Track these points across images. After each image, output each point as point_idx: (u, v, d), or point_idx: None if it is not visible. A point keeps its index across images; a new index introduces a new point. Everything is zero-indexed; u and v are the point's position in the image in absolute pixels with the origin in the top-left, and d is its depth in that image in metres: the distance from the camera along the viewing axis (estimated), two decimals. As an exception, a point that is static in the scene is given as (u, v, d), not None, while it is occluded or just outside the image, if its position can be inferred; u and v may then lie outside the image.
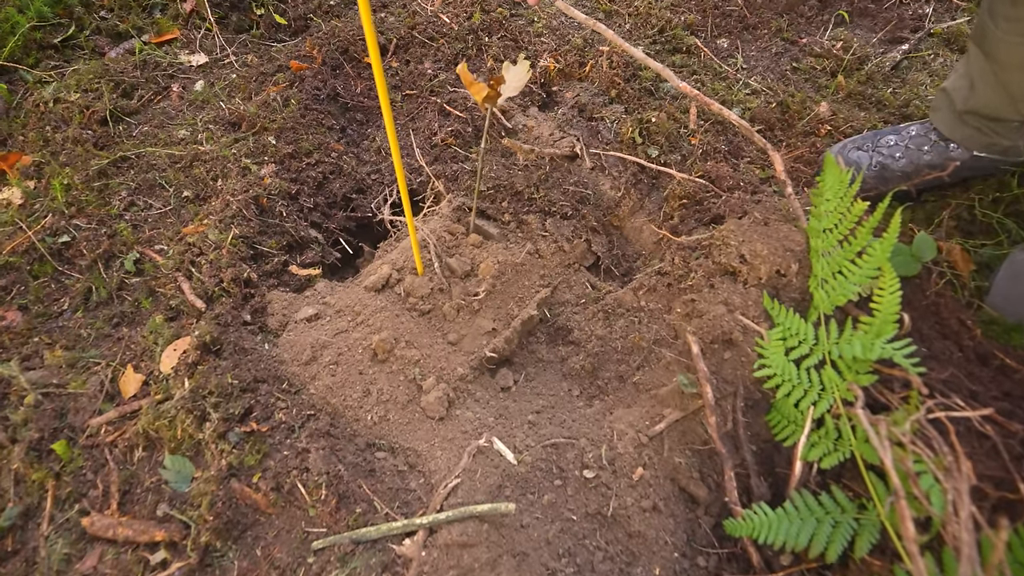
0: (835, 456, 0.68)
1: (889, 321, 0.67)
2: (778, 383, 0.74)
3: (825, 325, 0.74)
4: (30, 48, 1.17)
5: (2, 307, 0.89)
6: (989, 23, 0.86)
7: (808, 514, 0.68)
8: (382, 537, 0.73)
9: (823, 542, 0.65)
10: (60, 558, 0.70)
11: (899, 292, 0.67)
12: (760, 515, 0.70)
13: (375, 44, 0.59)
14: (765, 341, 0.77)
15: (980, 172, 1.01)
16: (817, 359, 0.72)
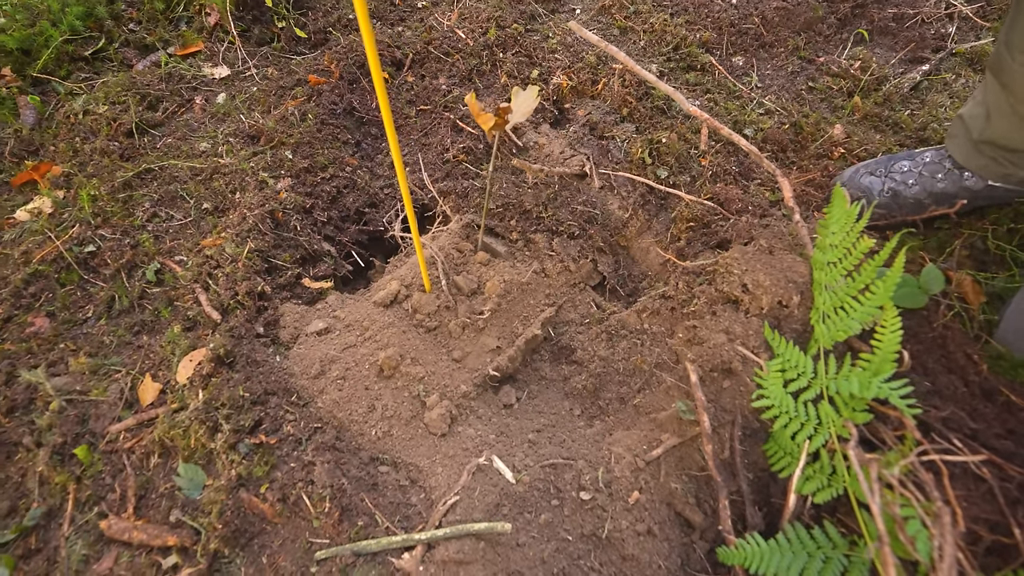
0: (828, 492, 0.68)
1: (888, 360, 0.68)
2: (776, 414, 0.75)
3: (824, 359, 0.74)
4: (62, 60, 1.23)
5: (31, 313, 0.94)
6: (1006, 54, 0.85)
7: (800, 547, 0.69)
8: (382, 550, 0.76)
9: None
10: (79, 558, 0.74)
11: (900, 331, 0.68)
12: (753, 545, 0.71)
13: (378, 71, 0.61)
14: (764, 372, 0.78)
15: (995, 202, 1.00)
16: (815, 393, 0.73)
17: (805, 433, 0.72)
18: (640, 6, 1.35)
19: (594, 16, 1.38)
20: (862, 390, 0.66)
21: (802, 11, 1.33)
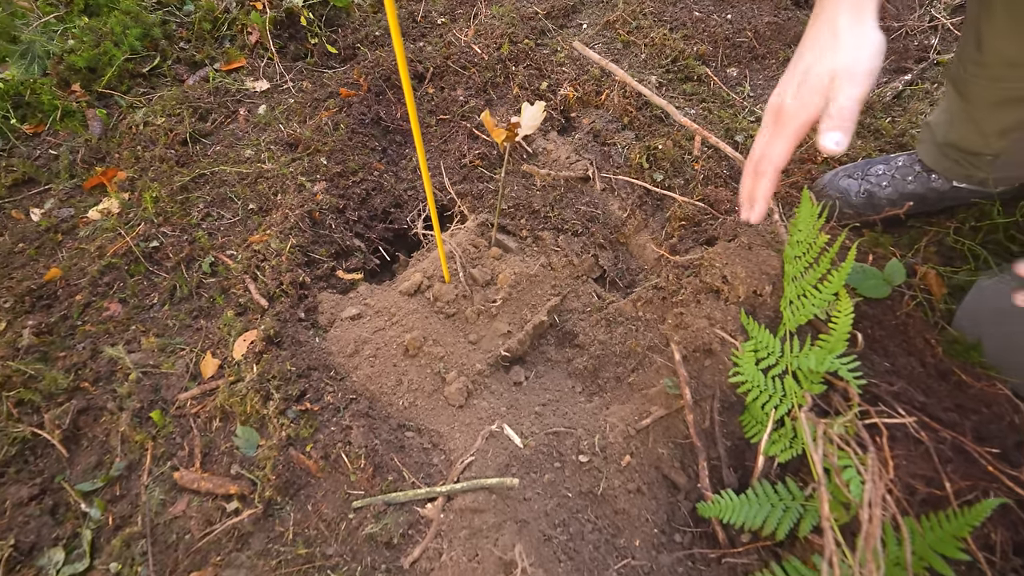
0: (789, 452, 0.80)
1: (841, 339, 0.78)
2: (749, 388, 0.87)
3: (790, 340, 0.85)
4: (123, 77, 1.38)
5: (106, 300, 1.09)
6: (960, 66, 0.95)
7: (765, 500, 0.80)
8: (409, 501, 0.89)
9: (775, 523, 0.78)
10: (157, 503, 0.89)
11: (852, 315, 0.79)
12: (726, 499, 0.82)
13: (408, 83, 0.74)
14: (739, 352, 0.89)
15: (960, 202, 1.09)
16: (781, 369, 0.84)
17: (772, 403, 0.83)
18: (642, 21, 1.46)
19: (600, 31, 1.49)
20: (818, 365, 0.78)
21: (792, 25, 1.44)
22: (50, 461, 0.93)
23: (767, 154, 0.74)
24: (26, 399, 0.94)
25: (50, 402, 0.95)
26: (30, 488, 0.90)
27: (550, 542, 0.86)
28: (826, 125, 0.67)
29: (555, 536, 0.86)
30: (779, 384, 0.84)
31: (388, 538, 0.85)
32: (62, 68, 1.34)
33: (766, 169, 0.75)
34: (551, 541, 0.86)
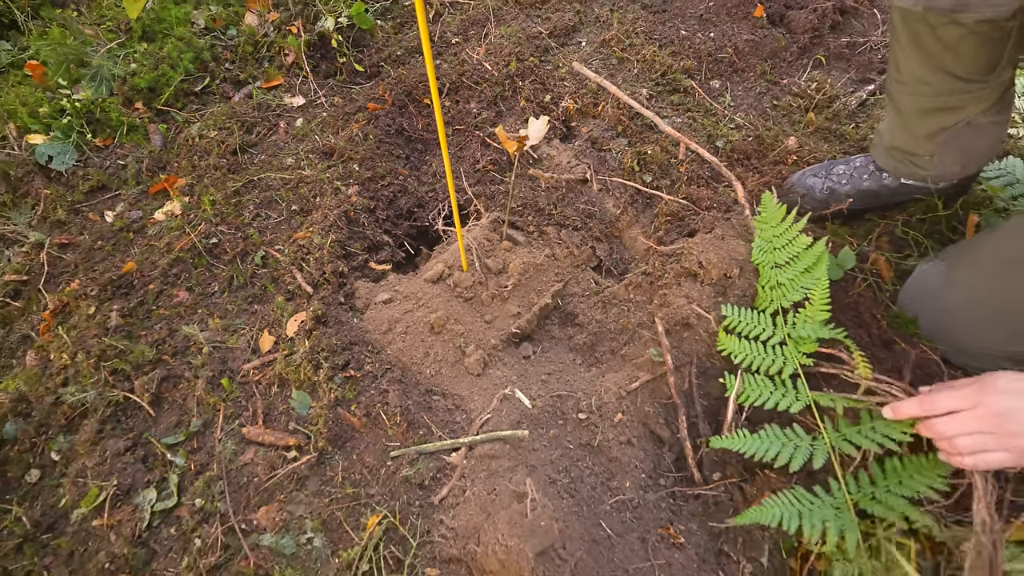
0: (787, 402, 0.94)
1: (822, 311, 0.95)
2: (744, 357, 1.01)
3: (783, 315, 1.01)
4: (179, 95, 1.56)
5: (176, 288, 1.27)
6: (889, 82, 1.11)
7: (776, 439, 0.93)
8: (437, 450, 1.06)
9: (787, 457, 0.90)
10: (230, 453, 1.06)
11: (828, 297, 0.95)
12: (741, 436, 0.97)
13: (437, 96, 0.91)
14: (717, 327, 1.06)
15: (909, 197, 1.25)
16: (778, 339, 1.00)
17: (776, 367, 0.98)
18: (634, 40, 1.63)
19: (597, 48, 1.66)
20: (815, 333, 0.94)
21: (768, 42, 1.60)
22: (139, 420, 1.11)
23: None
24: (119, 368, 1.12)
25: (138, 371, 1.13)
26: (124, 441, 1.08)
27: (555, 484, 1.02)
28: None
29: (559, 479, 1.03)
30: (779, 350, 1.00)
31: (421, 480, 1.03)
32: (126, 89, 1.53)
33: None
34: (555, 483, 1.02)
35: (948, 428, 0.79)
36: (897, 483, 0.84)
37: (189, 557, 0.96)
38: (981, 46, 0.97)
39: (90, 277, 1.28)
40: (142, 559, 0.98)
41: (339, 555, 0.95)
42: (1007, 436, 0.73)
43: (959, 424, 0.77)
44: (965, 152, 1.12)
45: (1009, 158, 1.34)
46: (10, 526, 1.02)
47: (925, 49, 1.01)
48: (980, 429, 0.75)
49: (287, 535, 0.98)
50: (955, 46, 0.98)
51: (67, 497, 1.04)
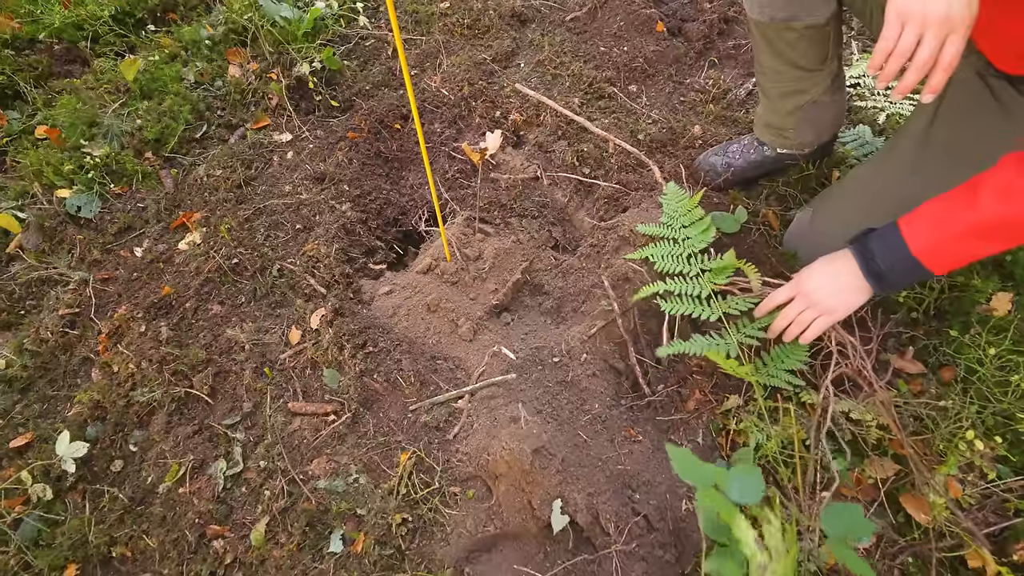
0: (711, 313, 1.24)
1: (732, 260, 1.25)
2: (673, 289, 1.31)
3: (697, 256, 1.31)
4: (183, 143, 1.78)
5: (209, 303, 1.50)
6: (757, 72, 1.44)
7: (701, 341, 1.23)
8: (446, 400, 1.32)
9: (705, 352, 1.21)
10: (280, 424, 1.30)
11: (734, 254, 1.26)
12: (679, 342, 1.25)
13: (419, 122, 1.18)
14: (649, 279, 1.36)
15: (786, 163, 1.58)
16: (695, 271, 1.29)
17: (696, 292, 1.27)
18: (563, 58, 1.93)
19: (534, 68, 1.95)
20: (727, 267, 1.24)
21: (671, 51, 1.92)
22: (199, 409, 1.34)
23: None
24: (178, 370, 1.34)
25: (194, 370, 1.35)
26: (191, 427, 1.31)
27: (540, 412, 1.30)
28: None
29: (543, 408, 1.31)
30: (696, 280, 1.29)
31: (437, 423, 1.29)
32: (136, 141, 1.74)
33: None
34: (541, 412, 1.30)
35: (783, 321, 1.11)
36: (781, 362, 1.15)
37: (262, 504, 1.20)
38: (812, 44, 1.30)
39: (134, 303, 1.49)
40: (224, 512, 1.21)
41: (380, 487, 1.21)
42: (819, 305, 1.07)
43: (791, 313, 1.10)
44: (817, 124, 1.45)
45: (860, 126, 1.69)
46: (108, 504, 1.23)
47: (775, 48, 1.33)
48: (802, 307, 1.09)
49: (338, 478, 1.23)
50: (795, 45, 1.30)
51: (152, 476, 1.26)
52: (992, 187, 0.93)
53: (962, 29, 0.86)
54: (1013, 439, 1.17)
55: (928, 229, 0.99)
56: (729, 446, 1.21)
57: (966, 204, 0.96)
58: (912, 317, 1.36)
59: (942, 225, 0.98)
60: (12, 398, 1.39)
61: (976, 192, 0.95)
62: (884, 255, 1.03)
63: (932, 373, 1.28)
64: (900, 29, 0.88)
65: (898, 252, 1.01)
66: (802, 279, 1.11)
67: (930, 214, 1.00)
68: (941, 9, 0.84)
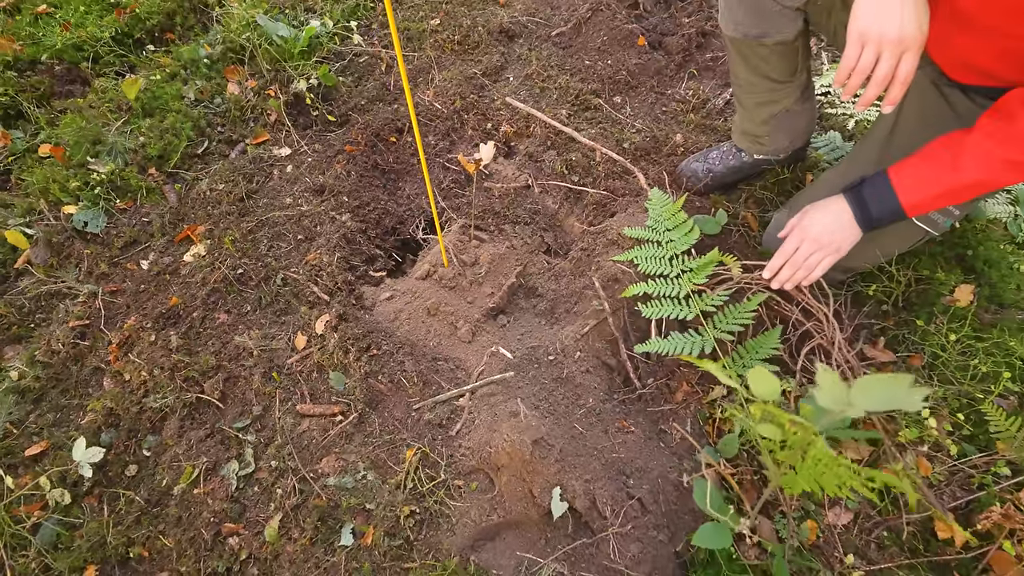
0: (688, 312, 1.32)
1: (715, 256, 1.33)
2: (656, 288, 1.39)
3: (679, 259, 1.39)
4: (185, 159, 1.83)
5: (216, 312, 1.55)
6: (733, 84, 1.53)
7: (680, 340, 1.32)
8: (448, 399, 1.39)
9: (687, 350, 1.29)
10: (290, 426, 1.35)
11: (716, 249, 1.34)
12: (656, 341, 1.34)
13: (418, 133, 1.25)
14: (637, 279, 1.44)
15: (763, 168, 1.67)
16: (677, 271, 1.37)
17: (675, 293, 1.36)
18: (551, 72, 2.02)
19: (523, 81, 2.04)
20: (708, 264, 1.32)
21: (652, 63, 2.02)
22: (210, 414, 1.39)
23: None
24: (189, 376, 1.40)
25: (205, 376, 1.41)
26: (204, 431, 1.36)
27: (538, 408, 1.36)
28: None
29: (540, 404, 1.37)
30: (676, 281, 1.37)
31: (440, 421, 1.35)
32: (139, 158, 1.79)
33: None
34: (538, 407, 1.37)
35: (791, 269, 1.23)
36: (756, 352, 1.23)
37: (275, 502, 1.26)
38: (782, 58, 1.40)
39: (143, 313, 1.54)
40: (238, 511, 1.26)
41: (388, 482, 1.27)
42: (828, 246, 1.20)
43: (799, 259, 1.22)
44: (790, 131, 1.54)
45: (831, 132, 1.79)
46: (124, 507, 1.28)
47: (749, 62, 1.43)
48: (809, 252, 1.21)
49: (346, 475, 1.28)
50: (767, 59, 1.40)
51: (167, 478, 1.31)
52: (973, 154, 1.04)
53: (915, 48, 0.96)
54: (976, 419, 1.26)
55: (916, 185, 1.12)
56: (716, 433, 1.29)
57: (951, 166, 1.07)
58: (883, 309, 1.45)
59: (928, 184, 1.11)
60: (26, 408, 1.43)
61: (959, 156, 1.06)
62: (876, 204, 1.16)
63: (902, 361, 1.37)
64: (860, 49, 0.98)
65: (889, 203, 1.14)
66: (806, 227, 1.23)
67: (918, 171, 1.12)
68: (895, 31, 0.94)
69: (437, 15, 2.31)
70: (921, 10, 0.94)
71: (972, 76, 1.18)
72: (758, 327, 1.34)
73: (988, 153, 1.03)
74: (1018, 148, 1.00)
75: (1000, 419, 1.21)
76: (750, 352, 1.26)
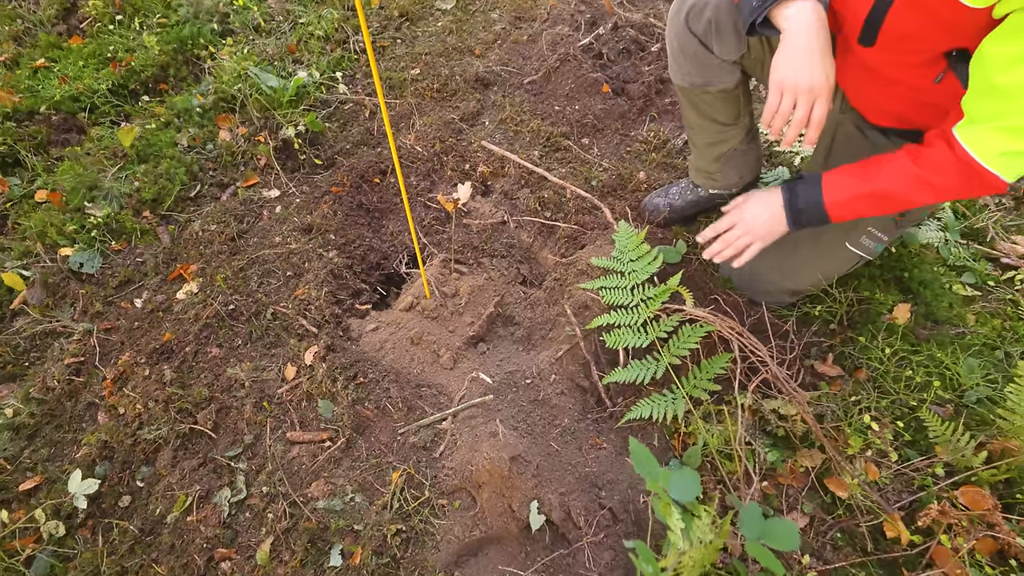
0: (645, 340, 1.44)
1: (675, 282, 1.46)
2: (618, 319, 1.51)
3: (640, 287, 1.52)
4: (178, 202, 1.93)
5: (208, 347, 1.62)
6: (685, 128, 1.70)
7: (638, 367, 1.43)
8: (431, 423, 1.47)
9: (643, 375, 1.40)
10: (280, 453, 1.42)
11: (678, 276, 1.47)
12: (618, 371, 1.44)
13: (401, 174, 1.37)
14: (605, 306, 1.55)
15: (718, 201, 1.82)
16: (638, 300, 1.50)
17: (634, 321, 1.48)
18: (523, 116, 2.18)
19: (498, 125, 2.20)
20: (664, 292, 1.44)
21: (616, 108, 2.20)
22: (203, 444, 1.45)
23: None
24: (183, 407, 1.46)
25: (198, 407, 1.47)
26: (196, 460, 1.41)
27: (516, 428, 1.45)
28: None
29: (519, 425, 1.47)
30: (636, 310, 1.49)
31: (424, 444, 1.43)
32: (134, 202, 1.89)
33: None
34: (517, 428, 1.46)
35: (721, 245, 1.38)
36: (705, 374, 1.35)
37: (266, 527, 1.31)
38: (726, 103, 1.56)
39: (137, 349, 1.61)
40: (230, 536, 1.31)
41: (375, 503, 1.33)
42: (754, 232, 1.34)
43: (731, 237, 1.37)
44: (739, 167, 1.70)
45: (780, 167, 1.97)
46: (118, 536, 1.32)
47: (697, 108, 1.59)
48: (741, 235, 1.35)
49: (335, 498, 1.35)
50: (712, 104, 1.56)
51: (160, 507, 1.36)
52: (891, 168, 1.19)
53: (824, 95, 1.12)
54: (917, 427, 1.38)
55: (838, 186, 1.24)
56: (681, 447, 1.39)
57: (871, 175, 1.21)
58: (830, 328, 1.58)
59: (848, 186, 1.23)
60: (20, 444, 1.47)
61: (881, 167, 1.20)
62: (803, 197, 1.27)
63: (848, 375, 1.49)
64: (780, 97, 1.14)
65: (814, 197, 1.25)
66: (742, 209, 1.37)
67: (844, 175, 1.24)
68: (807, 81, 1.10)
69: (417, 65, 2.48)
70: (828, 63, 1.10)
71: (888, 120, 1.35)
72: (712, 350, 1.46)
73: (904, 168, 1.18)
74: (928, 168, 1.15)
75: (938, 425, 1.33)
76: (703, 372, 1.37)
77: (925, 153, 1.16)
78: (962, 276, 1.71)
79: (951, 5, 0.97)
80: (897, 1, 1.06)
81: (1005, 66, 0.94)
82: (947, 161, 1.11)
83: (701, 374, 1.38)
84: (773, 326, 1.54)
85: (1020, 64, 0.93)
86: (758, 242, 1.35)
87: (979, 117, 1.04)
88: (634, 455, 1.00)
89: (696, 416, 1.33)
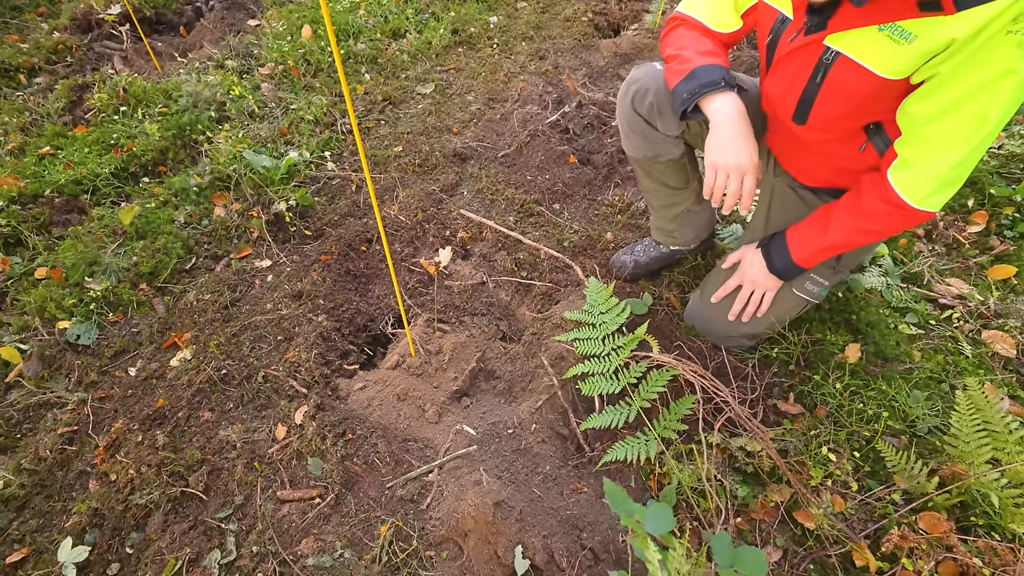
0: (617, 386, 1.54)
1: (642, 331, 1.58)
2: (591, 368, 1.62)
3: (611, 336, 1.64)
4: (174, 274, 2.04)
5: (201, 411, 1.68)
6: (642, 192, 1.89)
7: (612, 412, 1.52)
8: (418, 475, 1.52)
9: (616, 420, 1.49)
10: (270, 511, 1.45)
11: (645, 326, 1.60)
12: (593, 418, 1.53)
13: (386, 242, 1.50)
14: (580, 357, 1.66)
15: (679, 256, 1.99)
16: (609, 348, 1.61)
17: (607, 369, 1.58)
18: (498, 186, 2.38)
19: (475, 194, 2.39)
20: (632, 341, 1.56)
21: (585, 176, 2.41)
22: (194, 506, 1.48)
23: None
24: (175, 470, 1.50)
25: (190, 470, 1.51)
26: (187, 523, 1.44)
27: (500, 477, 1.52)
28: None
29: (502, 474, 1.53)
30: (608, 359, 1.60)
31: (411, 496, 1.48)
32: (132, 275, 1.99)
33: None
34: (500, 477, 1.52)
35: (739, 305, 1.57)
36: (674, 415, 1.45)
37: (256, 587, 1.33)
38: (675, 171, 1.76)
39: (130, 416, 1.66)
40: (219, 599, 1.33)
41: (364, 557, 1.37)
42: (764, 285, 1.55)
43: (744, 296, 1.58)
44: (693, 226, 1.88)
45: (733, 225, 2.16)
46: (106, 605, 1.32)
47: (650, 175, 1.78)
48: (751, 290, 1.55)
49: (325, 555, 1.38)
50: (663, 172, 1.76)
51: (149, 573, 1.37)
52: (835, 223, 1.37)
53: (751, 172, 1.31)
54: (874, 457, 1.48)
55: (802, 244, 1.46)
56: (657, 487, 1.46)
57: (823, 231, 1.41)
58: (789, 369, 1.70)
59: (809, 243, 1.45)
60: (8, 516, 1.48)
61: (828, 222, 1.39)
62: (777, 259, 1.51)
63: (809, 412, 1.60)
64: (715, 174, 1.33)
65: (786, 258, 1.50)
66: (745, 271, 1.59)
67: (803, 233, 1.46)
68: (734, 162, 1.30)
69: (400, 143, 2.70)
70: (751, 147, 1.30)
71: (816, 183, 1.54)
72: (679, 393, 1.57)
73: (844, 222, 1.37)
74: (864, 218, 1.33)
75: (893, 455, 1.43)
76: (670, 415, 1.47)
77: (859, 203, 1.34)
78: (905, 316, 1.87)
79: (871, 80, 1.15)
80: (824, 87, 1.25)
81: (930, 119, 1.12)
82: (879, 209, 1.29)
83: (670, 415, 1.48)
84: (735, 368, 1.66)
85: (943, 116, 1.10)
86: (769, 291, 1.58)
87: (911, 159, 1.20)
88: (608, 494, 1.08)
89: (669, 456, 1.42)
